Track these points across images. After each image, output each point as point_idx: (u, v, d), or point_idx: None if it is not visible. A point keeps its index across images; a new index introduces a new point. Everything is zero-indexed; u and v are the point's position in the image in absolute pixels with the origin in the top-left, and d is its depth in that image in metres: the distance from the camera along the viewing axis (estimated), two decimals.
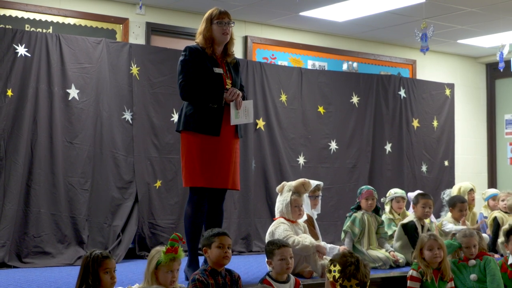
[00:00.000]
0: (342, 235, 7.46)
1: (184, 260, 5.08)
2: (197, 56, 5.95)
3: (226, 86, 6.01)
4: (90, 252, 4.53)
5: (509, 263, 6.79)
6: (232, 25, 6.10)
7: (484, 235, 7.88)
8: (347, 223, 7.38)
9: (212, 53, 6.02)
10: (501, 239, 8.07)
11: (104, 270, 4.45)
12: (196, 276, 4.90)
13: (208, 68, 5.95)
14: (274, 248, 5.27)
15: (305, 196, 7.30)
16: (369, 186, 7.71)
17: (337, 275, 4.24)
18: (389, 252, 7.34)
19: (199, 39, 6.06)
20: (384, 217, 8.12)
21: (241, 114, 6.00)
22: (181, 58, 6.01)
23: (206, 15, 6.06)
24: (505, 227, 7.96)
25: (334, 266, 4.28)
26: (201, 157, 5.90)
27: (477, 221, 8.75)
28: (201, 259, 5.99)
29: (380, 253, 7.30)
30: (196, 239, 5.98)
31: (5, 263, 7.19)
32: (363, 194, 7.43)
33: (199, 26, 6.11)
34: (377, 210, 7.55)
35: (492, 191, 9.26)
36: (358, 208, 7.47)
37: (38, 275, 6.62)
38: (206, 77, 5.93)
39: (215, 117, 5.91)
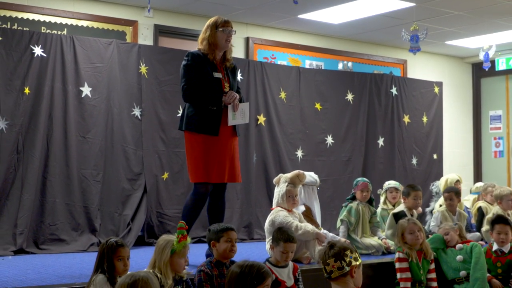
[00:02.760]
0: (338, 223, 7.46)
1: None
2: (198, 61, 6.02)
3: (225, 90, 6.08)
4: (107, 240, 4.58)
5: (493, 249, 6.85)
6: (234, 33, 6.17)
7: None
8: (344, 212, 7.39)
9: (213, 59, 6.08)
10: (485, 227, 8.10)
11: (118, 258, 4.48)
12: (202, 268, 4.94)
13: (209, 72, 6.02)
14: (281, 239, 5.28)
15: (312, 189, 7.39)
16: (364, 179, 7.68)
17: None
18: (381, 240, 7.36)
19: (202, 45, 6.12)
20: (379, 209, 8.13)
21: (238, 115, 6.10)
22: (184, 62, 6.09)
23: (210, 22, 6.14)
24: (489, 216, 8.02)
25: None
26: (204, 155, 5.98)
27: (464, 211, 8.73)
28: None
29: (373, 240, 7.32)
30: (189, 226, 6.06)
31: (23, 249, 7.21)
32: (358, 186, 7.42)
33: (202, 33, 6.18)
34: (371, 201, 7.56)
35: (479, 185, 9.24)
36: (353, 198, 7.48)
37: (54, 260, 6.64)
38: (206, 81, 6.00)
39: (214, 119, 5.99)
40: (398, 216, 7.50)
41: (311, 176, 7.55)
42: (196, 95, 5.99)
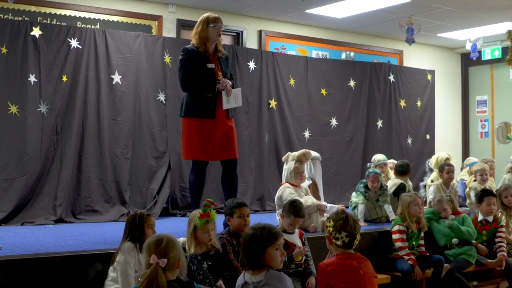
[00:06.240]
0: (352, 204, 7.43)
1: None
2: (192, 55, 6.07)
3: (218, 78, 6.11)
4: (135, 211, 4.64)
5: (479, 219, 6.91)
6: (224, 28, 6.22)
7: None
8: (359, 197, 7.32)
9: (205, 51, 6.12)
10: (468, 201, 8.10)
11: (148, 226, 4.56)
12: (224, 236, 4.96)
13: (202, 64, 6.06)
14: (292, 213, 5.23)
15: (316, 163, 7.38)
16: (376, 170, 7.43)
17: (330, 229, 4.27)
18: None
19: (194, 39, 6.15)
20: None
21: (232, 100, 6.13)
22: (180, 57, 6.15)
23: (203, 18, 6.16)
24: (466, 191, 8.04)
25: (329, 222, 4.32)
26: (200, 136, 6.07)
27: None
28: None
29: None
30: (198, 199, 6.16)
31: (63, 219, 7.25)
32: (370, 177, 7.23)
33: (195, 28, 6.20)
34: (381, 186, 7.37)
35: (473, 159, 9.17)
36: (366, 186, 7.33)
37: (89, 229, 6.66)
38: (201, 72, 6.05)
39: (211, 104, 6.06)
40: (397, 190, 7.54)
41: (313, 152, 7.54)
42: (192, 85, 6.05)
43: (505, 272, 6.63)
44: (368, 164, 8.35)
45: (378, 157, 8.49)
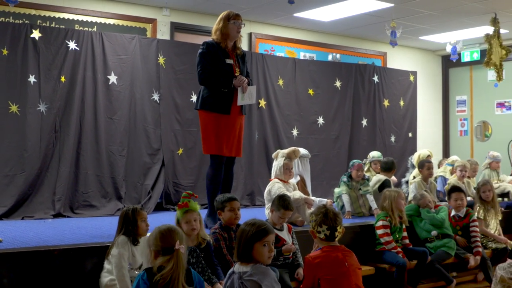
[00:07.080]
0: (337, 193, 7.49)
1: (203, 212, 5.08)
2: (212, 49, 5.92)
3: (235, 74, 5.98)
4: (127, 207, 4.65)
5: (452, 215, 6.96)
6: (243, 25, 6.10)
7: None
8: (343, 187, 7.39)
9: (225, 47, 5.99)
10: (447, 196, 8.18)
11: (141, 219, 4.56)
12: (217, 231, 4.96)
13: (221, 59, 5.93)
14: (281, 206, 5.23)
15: (305, 161, 7.39)
16: (358, 160, 7.61)
17: (313, 224, 4.33)
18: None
19: (216, 35, 6.00)
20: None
21: (246, 96, 6.00)
22: (200, 51, 5.98)
23: (223, 15, 6.02)
24: (446, 186, 8.09)
25: (311, 217, 4.38)
26: (215, 131, 5.92)
27: (436, 180, 8.71)
28: None
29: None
30: (215, 194, 5.91)
31: (61, 213, 7.26)
32: (354, 167, 7.34)
33: (215, 25, 6.05)
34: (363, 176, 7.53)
35: (454, 158, 9.25)
36: (350, 177, 7.43)
37: (86, 223, 6.67)
38: (219, 67, 5.91)
39: (226, 99, 5.92)
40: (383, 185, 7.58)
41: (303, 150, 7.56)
42: (210, 79, 5.89)
43: (480, 265, 6.69)
44: (364, 160, 8.41)
45: (373, 153, 8.58)
